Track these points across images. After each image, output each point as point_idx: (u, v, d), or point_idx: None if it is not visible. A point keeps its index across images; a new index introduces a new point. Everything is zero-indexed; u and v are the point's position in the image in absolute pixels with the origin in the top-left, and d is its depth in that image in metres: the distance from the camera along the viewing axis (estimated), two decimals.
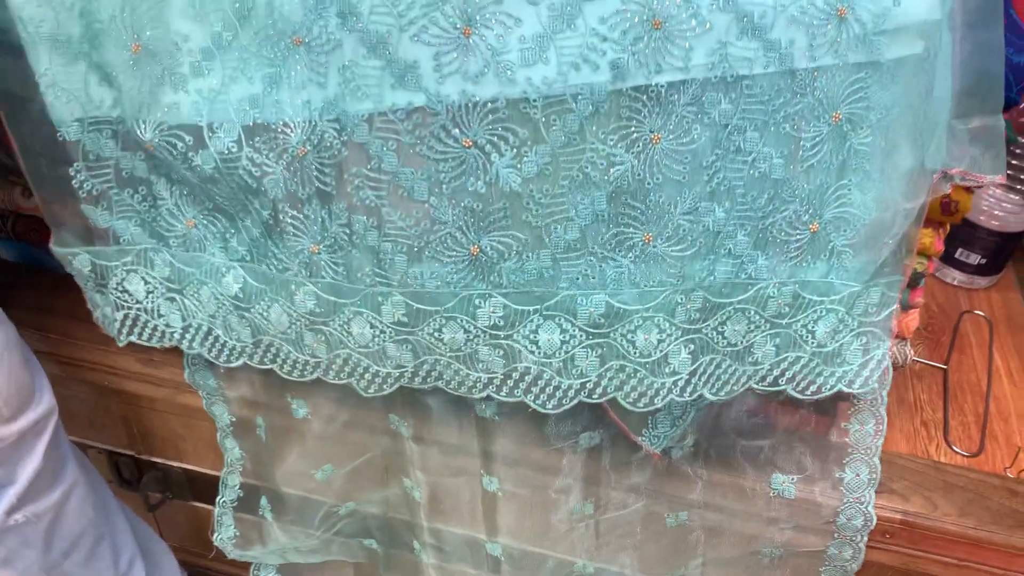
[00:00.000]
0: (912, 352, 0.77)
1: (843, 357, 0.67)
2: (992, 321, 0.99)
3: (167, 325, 0.74)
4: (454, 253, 0.61)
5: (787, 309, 0.64)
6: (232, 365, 0.74)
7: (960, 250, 1.02)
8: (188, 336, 0.74)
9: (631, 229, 0.60)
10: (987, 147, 0.61)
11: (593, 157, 0.57)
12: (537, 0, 0.54)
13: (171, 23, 0.57)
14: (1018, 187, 0.97)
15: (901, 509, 0.75)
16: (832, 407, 0.76)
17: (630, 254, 0.61)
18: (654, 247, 0.61)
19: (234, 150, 0.59)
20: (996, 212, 0.98)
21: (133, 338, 0.75)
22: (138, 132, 0.60)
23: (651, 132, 0.57)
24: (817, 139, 0.58)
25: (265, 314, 0.68)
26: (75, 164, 0.66)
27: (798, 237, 0.61)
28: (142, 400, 0.91)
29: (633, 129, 0.57)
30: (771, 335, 0.65)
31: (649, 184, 0.58)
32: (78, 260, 0.72)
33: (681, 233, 0.60)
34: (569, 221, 0.59)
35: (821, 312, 0.64)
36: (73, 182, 0.67)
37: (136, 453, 1.00)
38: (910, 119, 0.58)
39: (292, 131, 0.59)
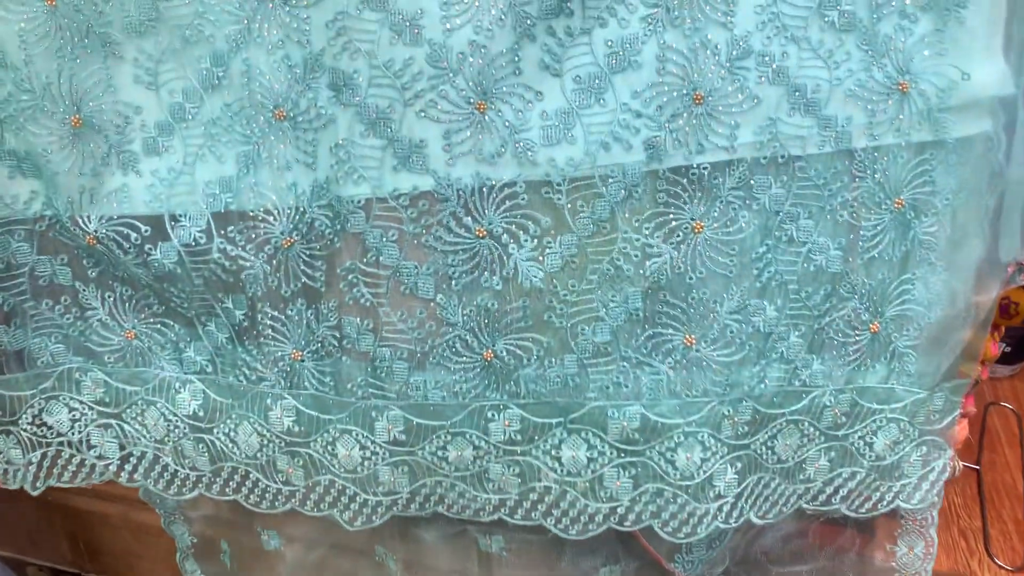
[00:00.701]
0: (960, 464, 0.70)
1: (902, 470, 0.59)
2: (1020, 414, 0.93)
3: (99, 457, 0.61)
4: (464, 359, 0.53)
5: (844, 419, 0.56)
6: (184, 497, 0.63)
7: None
8: (127, 468, 0.62)
9: (670, 331, 0.52)
10: None
11: (626, 248, 0.50)
12: (560, 71, 0.48)
13: (119, 92, 0.50)
14: None
15: None
16: (874, 526, 0.67)
17: (669, 359, 0.53)
18: (697, 351, 0.53)
19: (203, 241, 0.51)
20: None
21: (52, 481, 0.63)
22: (80, 224, 0.51)
23: (692, 220, 0.50)
24: (878, 227, 0.51)
25: (231, 435, 0.58)
26: None
27: (857, 338, 0.54)
28: (91, 516, 0.81)
29: (672, 216, 0.50)
30: (825, 449, 0.57)
31: (691, 279, 0.51)
32: None
33: (728, 335, 0.52)
34: (599, 321, 0.51)
35: (881, 422, 0.56)
36: None
37: (81, 571, 0.89)
38: (979, 204, 0.52)
39: (276, 219, 0.51)
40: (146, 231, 0.51)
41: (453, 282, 0.51)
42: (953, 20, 0.48)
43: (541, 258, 0.50)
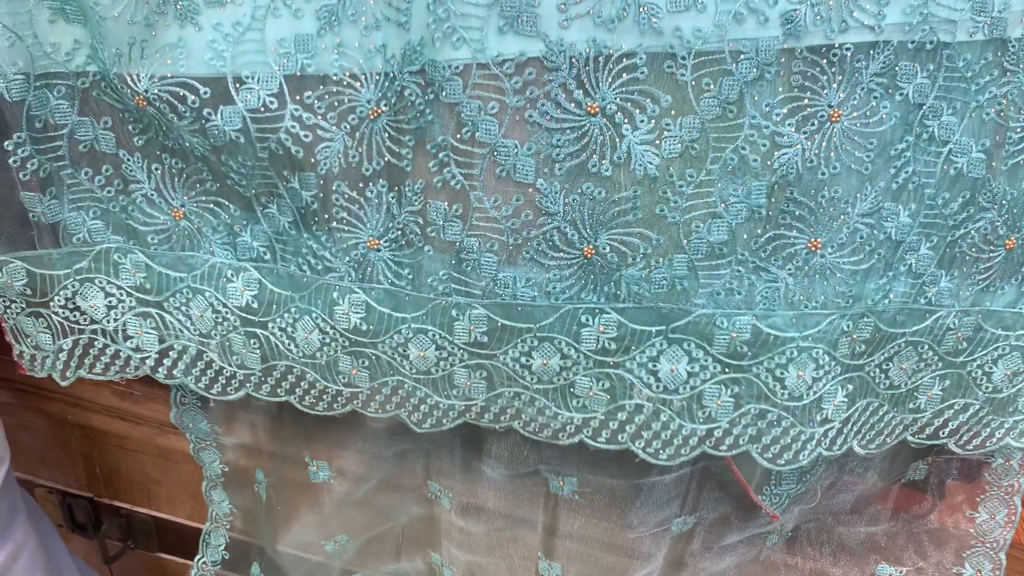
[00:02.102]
0: None
1: (1017, 404, 0.54)
2: None
3: (135, 349, 0.56)
4: (561, 254, 0.47)
5: (965, 345, 0.51)
6: (229, 398, 0.57)
7: None
8: (166, 364, 0.57)
9: (794, 232, 0.47)
10: None
11: (753, 136, 0.44)
12: None
13: None
14: None
15: None
16: (954, 491, 0.63)
17: (790, 265, 0.47)
18: (822, 256, 0.47)
19: (273, 107, 0.45)
20: None
21: (83, 372, 0.58)
22: (129, 82, 0.45)
23: (830, 107, 0.44)
24: None
25: (288, 331, 0.52)
26: (14, 135, 0.50)
27: (990, 254, 0.49)
28: (109, 438, 0.75)
29: (807, 102, 0.44)
30: (940, 376, 0.52)
31: (823, 174, 0.45)
32: (7, 271, 0.54)
33: (858, 240, 0.47)
34: (716, 218, 0.46)
35: (1003, 350, 0.52)
36: (11, 160, 0.50)
37: (95, 496, 0.84)
38: None
39: (363, 85, 0.45)
40: (205, 93, 0.45)
41: (557, 166, 0.45)
42: None
43: (659, 142, 0.44)
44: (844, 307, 0.48)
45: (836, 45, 0.43)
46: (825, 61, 0.44)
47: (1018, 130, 0.46)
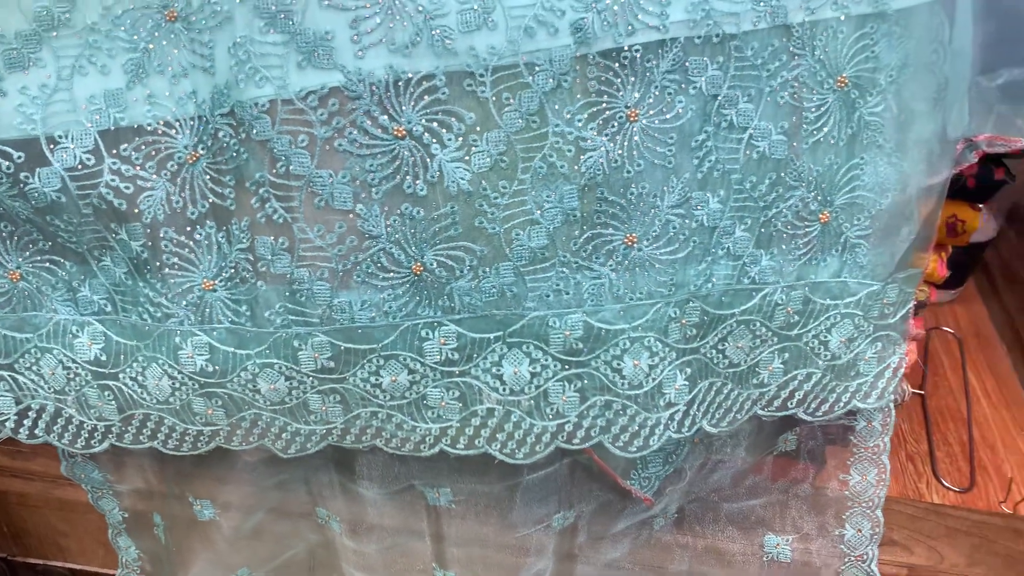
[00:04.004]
0: (909, 388, 0.69)
1: (857, 368, 0.57)
2: (961, 338, 0.93)
3: None
4: (391, 274, 0.49)
5: (797, 318, 0.54)
6: (94, 451, 0.58)
7: None
8: (27, 424, 0.57)
9: (610, 230, 0.49)
10: (1021, 103, 0.53)
11: (559, 143, 0.46)
12: None
13: None
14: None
15: (906, 563, 0.68)
16: (827, 457, 0.66)
17: (610, 261, 0.49)
18: (639, 250, 0.49)
19: (90, 163, 0.46)
20: None
21: None
22: None
23: (627, 107, 0.46)
24: (822, 108, 0.48)
25: (139, 380, 0.53)
26: None
27: (807, 230, 0.51)
28: (9, 496, 0.76)
29: (605, 105, 0.46)
30: (779, 350, 0.55)
31: (629, 172, 0.47)
32: None
33: (671, 231, 0.49)
34: (534, 225, 0.48)
35: (835, 318, 0.54)
36: None
37: (8, 555, 0.83)
38: (927, 80, 0.49)
39: (178, 132, 0.46)
40: (19, 157, 0.45)
41: (373, 190, 0.46)
42: None
43: (468, 158, 0.46)
44: (668, 295, 0.50)
45: (626, 48, 0.45)
46: (617, 64, 0.45)
47: (813, 109, 0.49)
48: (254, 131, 0.45)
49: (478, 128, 0.46)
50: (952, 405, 0.86)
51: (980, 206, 0.60)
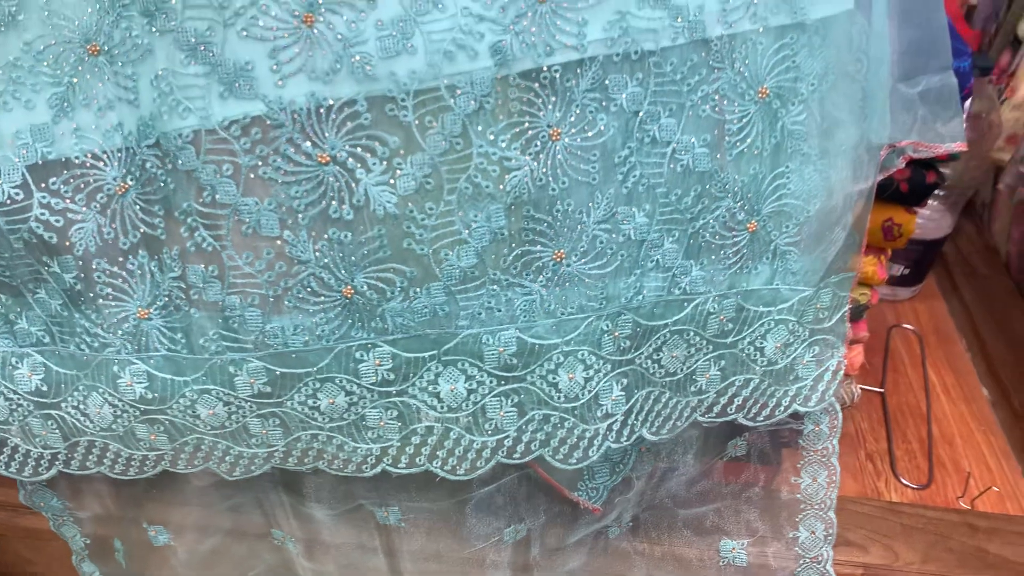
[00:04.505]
0: (858, 390, 0.71)
1: (796, 373, 0.58)
2: (921, 335, 0.94)
3: None
4: (322, 298, 0.49)
5: (731, 326, 0.54)
6: (42, 478, 0.58)
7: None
8: None
9: (538, 247, 0.49)
10: (941, 110, 0.53)
11: (483, 163, 0.47)
12: None
13: None
14: (937, 190, 0.92)
15: (861, 563, 0.69)
16: (780, 459, 0.67)
17: (540, 277, 0.50)
18: (568, 266, 0.50)
19: (19, 198, 0.46)
20: (917, 220, 0.93)
21: None
22: None
23: (549, 127, 0.47)
24: (744, 120, 0.49)
25: (81, 408, 0.53)
26: None
27: (735, 239, 0.52)
28: None
29: (527, 125, 0.47)
30: (715, 358, 0.55)
31: (554, 190, 0.48)
32: None
33: (598, 246, 0.50)
34: (462, 244, 0.48)
35: (769, 324, 0.55)
36: None
37: None
38: (848, 88, 0.50)
39: (106, 164, 0.46)
40: None
41: (299, 216, 0.47)
42: None
43: (393, 181, 0.47)
44: (599, 309, 0.51)
45: (545, 68, 0.46)
46: (537, 84, 0.46)
47: (735, 121, 0.49)
48: (179, 161, 0.46)
49: (402, 151, 0.46)
50: (912, 402, 0.87)
51: (915, 209, 0.61)
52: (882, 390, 0.86)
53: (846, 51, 0.49)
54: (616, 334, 0.52)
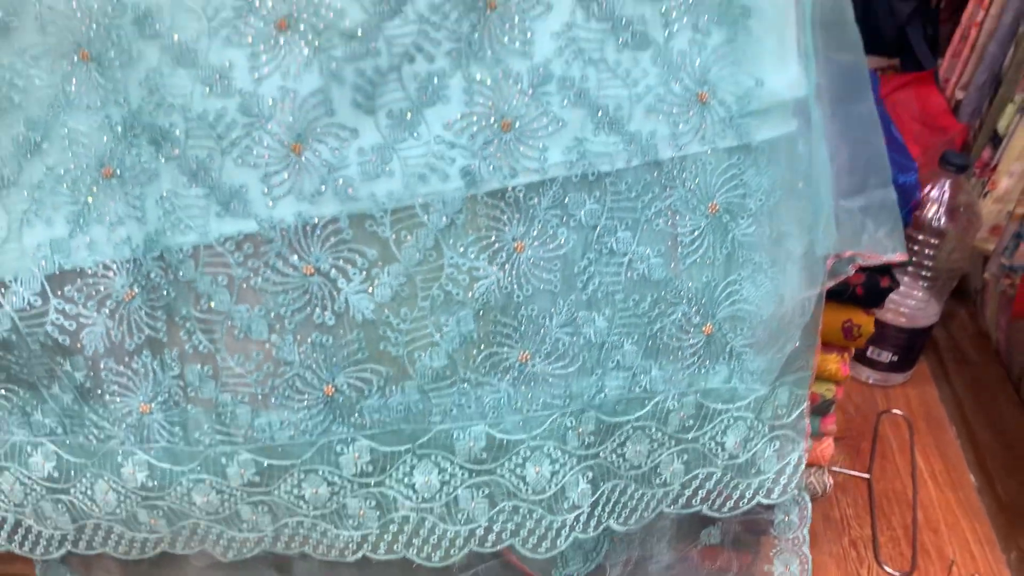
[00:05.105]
0: (831, 481, 0.73)
1: (758, 466, 0.60)
2: (911, 420, 0.96)
3: None
4: (306, 396, 0.53)
5: (691, 422, 0.58)
6: (52, 556, 0.63)
7: (871, 348, 0.98)
8: None
9: (505, 349, 0.53)
10: (883, 222, 0.57)
11: (453, 273, 0.51)
12: (373, 108, 0.49)
13: None
14: (922, 281, 0.95)
15: None
16: (756, 546, 0.69)
17: (507, 376, 0.54)
18: (533, 366, 0.54)
19: (38, 304, 0.51)
20: (903, 309, 0.96)
21: None
22: None
23: (514, 240, 0.51)
24: (696, 233, 0.53)
25: (88, 493, 0.58)
26: None
27: (692, 342, 0.56)
28: None
29: (494, 238, 0.51)
30: (677, 452, 0.58)
31: (518, 297, 0.52)
32: None
33: (561, 348, 0.54)
34: (434, 347, 0.53)
35: (728, 421, 0.58)
36: None
37: None
38: (795, 203, 0.54)
39: (115, 273, 0.52)
40: None
41: (286, 321, 0.52)
42: (742, 30, 0.51)
43: (371, 290, 0.51)
44: (563, 406, 0.55)
45: (510, 188, 0.51)
46: (503, 203, 0.51)
47: (687, 234, 0.53)
48: (180, 272, 0.51)
49: (380, 263, 0.51)
50: (899, 488, 0.89)
51: (873, 311, 0.65)
52: (868, 476, 0.87)
53: (791, 169, 0.54)
54: (580, 430, 0.55)
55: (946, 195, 0.90)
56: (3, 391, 0.57)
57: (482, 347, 0.53)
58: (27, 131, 0.50)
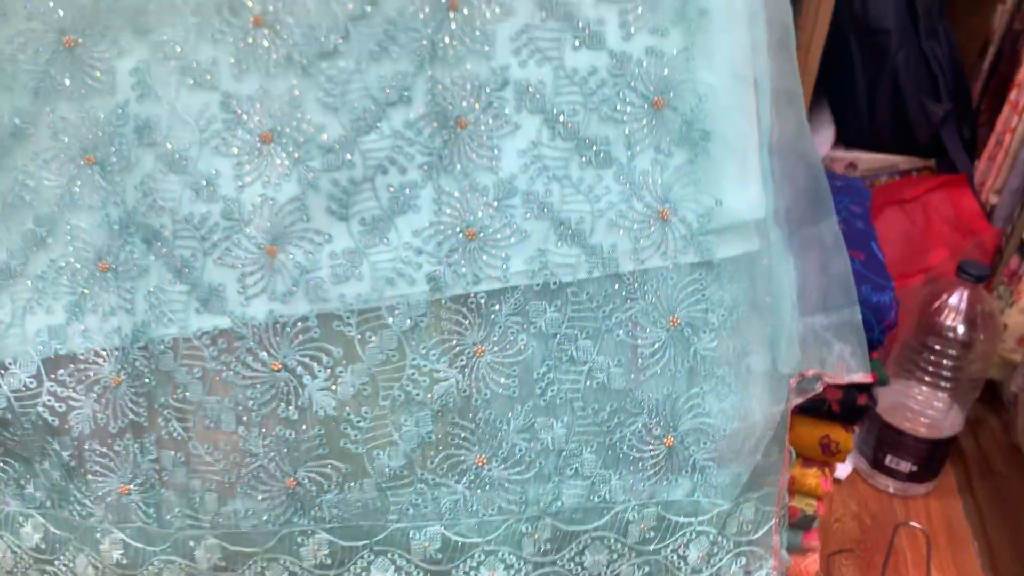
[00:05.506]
0: None
1: None
2: (929, 534, 0.91)
3: None
4: (269, 487, 0.55)
5: (652, 534, 0.57)
6: None
7: (888, 456, 0.95)
8: None
9: (463, 451, 0.54)
10: (844, 343, 0.57)
11: (415, 374, 0.53)
12: (347, 215, 0.52)
13: None
14: (941, 390, 0.93)
15: None
16: None
17: (464, 479, 0.55)
18: (489, 470, 0.55)
19: (32, 386, 0.55)
20: (922, 418, 0.93)
21: None
22: None
23: (474, 344, 0.53)
24: (656, 345, 0.54)
25: (70, 567, 0.60)
26: None
27: (653, 453, 0.56)
28: None
29: (455, 342, 0.53)
30: (639, 564, 0.58)
31: (477, 401, 0.53)
32: None
33: (518, 454, 0.55)
34: (393, 446, 0.54)
35: (691, 535, 0.57)
36: None
37: None
38: (758, 319, 0.55)
39: (105, 360, 0.55)
40: None
41: (253, 414, 0.54)
42: (701, 153, 0.53)
43: (334, 387, 0.53)
44: (519, 512, 0.55)
45: (472, 294, 0.52)
46: (465, 308, 0.53)
47: (648, 346, 0.54)
48: (161, 363, 0.54)
49: (344, 361, 0.53)
50: None
51: (853, 427, 0.64)
52: None
53: (754, 286, 0.54)
54: (536, 536, 0.55)
55: (964, 304, 0.88)
56: (1, 463, 0.61)
57: (440, 448, 0.54)
58: (35, 227, 0.54)
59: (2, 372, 0.55)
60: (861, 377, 0.56)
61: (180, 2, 0.51)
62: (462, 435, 0.54)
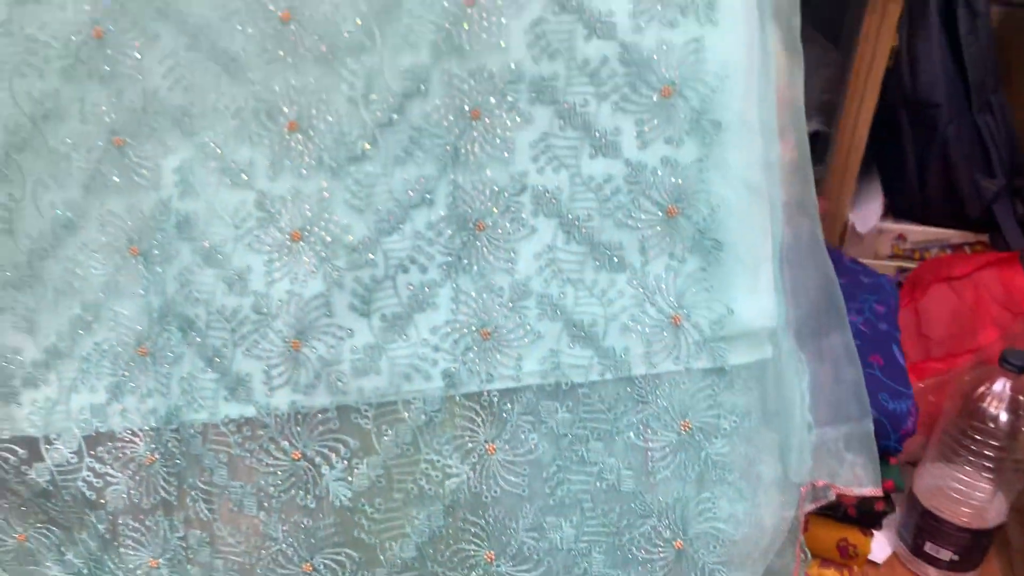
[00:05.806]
0: None
1: None
2: None
3: None
4: (287, 571, 0.57)
5: None
6: None
7: (928, 544, 0.92)
8: None
9: (472, 547, 0.56)
10: (856, 454, 0.57)
11: (428, 469, 0.55)
12: (368, 311, 0.55)
13: (1, 337, 0.59)
14: (986, 475, 0.90)
15: None
16: None
17: (473, 574, 0.56)
18: (498, 567, 0.56)
19: (74, 461, 0.59)
20: (964, 508, 0.90)
21: None
22: None
23: (486, 442, 0.54)
24: (667, 449, 0.55)
25: None
26: None
27: (662, 555, 0.56)
28: None
29: (468, 438, 0.54)
30: None
31: (487, 498, 0.55)
32: None
33: (527, 552, 0.55)
34: (404, 538, 0.56)
35: None
36: None
37: None
38: (770, 427, 0.55)
39: (140, 440, 0.58)
40: (23, 454, 0.59)
41: (273, 500, 0.56)
42: (714, 260, 0.53)
43: (350, 478, 0.55)
44: None
45: (486, 392, 0.54)
46: (478, 405, 0.54)
47: (659, 449, 0.55)
48: (191, 446, 0.57)
49: (360, 453, 0.55)
50: None
51: (872, 531, 0.62)
52: None
53: (766, 394, 0.54)
54: None
55: (1008, 392, 0.86)
56: (45, 530, 0.64)
57: (450, 543, 0.56)
58: (82, 312, 0.58)
59: (47, 447, 0.59)
60: (871, 491, 0.56)
61: (222, 106, 0.54)
62: (472, 531, 0.55)
